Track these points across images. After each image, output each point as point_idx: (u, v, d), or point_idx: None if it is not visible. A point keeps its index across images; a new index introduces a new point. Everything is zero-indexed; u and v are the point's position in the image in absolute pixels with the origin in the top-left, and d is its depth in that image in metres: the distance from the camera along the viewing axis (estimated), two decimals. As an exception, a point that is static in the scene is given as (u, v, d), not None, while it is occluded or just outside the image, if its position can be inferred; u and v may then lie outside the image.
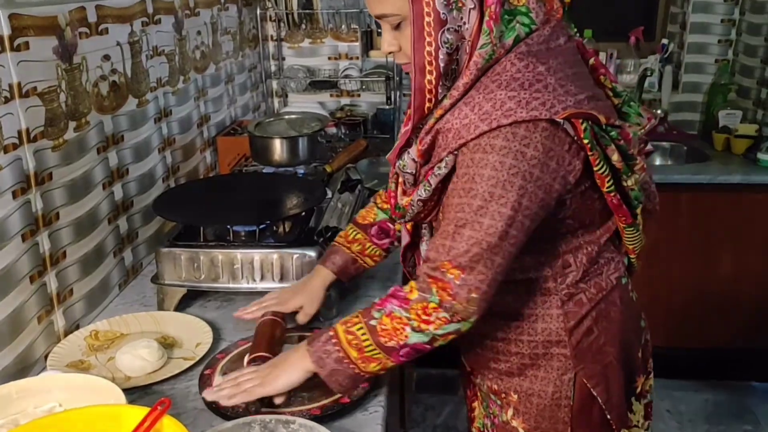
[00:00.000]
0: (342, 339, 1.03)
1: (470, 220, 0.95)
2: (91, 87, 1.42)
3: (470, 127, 0.95)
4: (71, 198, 1.35)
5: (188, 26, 1.99)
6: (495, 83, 0.96)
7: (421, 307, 0.98)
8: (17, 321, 1.19)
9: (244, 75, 2.60)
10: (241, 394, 1.07)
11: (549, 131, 0.94)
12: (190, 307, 1.46)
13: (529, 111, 0.93)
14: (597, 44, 2.94)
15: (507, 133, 0.93)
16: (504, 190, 0.93)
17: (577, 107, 0.95)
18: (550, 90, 0.95)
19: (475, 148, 0.95)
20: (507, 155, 0.93)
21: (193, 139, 2.05)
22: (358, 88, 2.95)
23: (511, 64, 0.96)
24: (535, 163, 0.94)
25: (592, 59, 1.07)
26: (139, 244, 1.67)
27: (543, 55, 0.97)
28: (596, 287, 1.11)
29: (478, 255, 0.95)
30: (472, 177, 0.95)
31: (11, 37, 1.15)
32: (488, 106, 0.95)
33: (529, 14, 0.99)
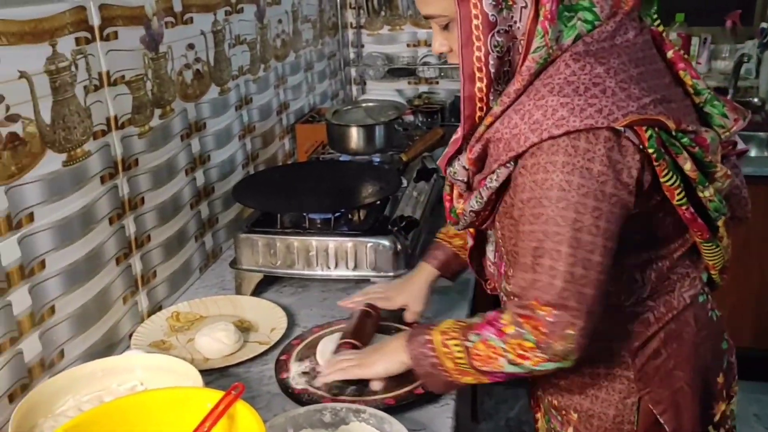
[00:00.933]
0: (438, 348, 0.99)
1: (548, 248, 0.87)
2: (176, 75, 1.46)
3: (520, 137, 0.88)
4: (156, 183, 1.40)
5: (270, 15, 2.02)
6: (546, 87, 0.88)
7: (517, 343, 0.91)
8: (104, 301, 1.24)
9: (323, 63, 2.62)
10: (337, 372, 1.09)
11: (612, 141, 0.85)
12: (266, 292, 1.49)
13: (584, 119, 0.84)
14: (690, 29, 2.79)
15: (567, 147, 0.85)
16: (577, 213, 0.86)
17: (639, 113, 0.86)
18: (609, 94, 0.86)
19: (534, 168, 0.88)
20: (572, 173, 0.85)
21: (273, 127, 2.08)
22: (437, 76, 2.92)
23: (565, 65, 0.88)
24: (605, 179, 0.85)
25: (671, 52, 0.97)
26: (220, 229, 1.71)
27: (603, 54, 0.89)
28: (666, 306, 1.01)
29: (565, 290, 0.87)
30: (539, 200, 0.87)
31: (101, 27, 1.19)
32: (538, 114, 0.87)
33: (593, 9, 0.90)
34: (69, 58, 1.11)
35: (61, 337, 1.13)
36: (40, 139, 1.06)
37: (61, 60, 1.09)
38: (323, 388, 1.11)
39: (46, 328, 1.09)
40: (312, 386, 1.12)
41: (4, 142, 0.99)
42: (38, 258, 1.07)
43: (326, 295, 1.47)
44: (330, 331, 1.29)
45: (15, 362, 1.03)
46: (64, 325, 1.14)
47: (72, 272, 1.15)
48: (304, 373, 1.17)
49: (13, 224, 1.01)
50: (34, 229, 1.06)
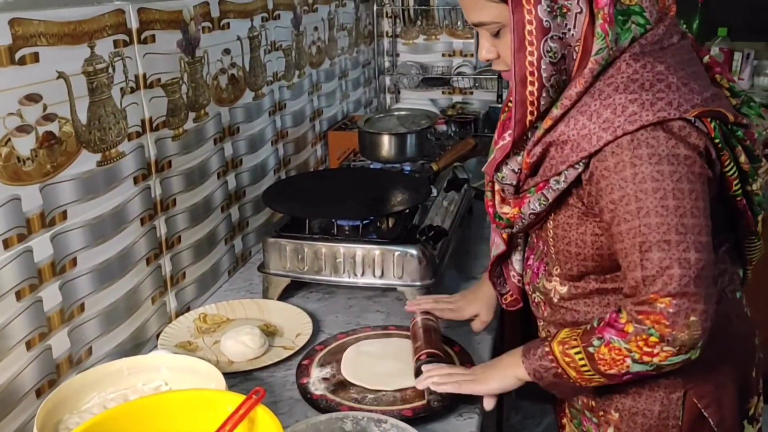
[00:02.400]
0: (559, 358, 0.98)
1: (654, 240, 0.87)
2: (211, 80, 1.48)
3: (591, 138, 0.89)
4: (188, 185, 1.41)
5: (306, 22, 2.04)
6: (611, 87, 0.90)
7: (641, 339, 0.90)
8: (133, 300, 1.25)
9: (357, 70, 2.63)
10: (451, 384, 1.08)
11: (687, 129, 0.88)
12: (293, 297, 1.49)
13: (656, 112, 0.87)
14: (732, 43, 2.74)
15: (648, 139, 0.87)
16: (676, 199, 0.86)
17: (704, 105, 0.89)
18: (674, 89, 0.88)
19: (619, 167, 0.88)
20: (661, 162, 0.86)
21: (305, 133, 2.09)
22: (471, 86, 2.91)
23: (626, 65, 0.90)
24: (691, 162, 0.87)
25: (707, 57, 1.01)
26: (249, 232, 1.72)
27: (659, 54, 0.92)
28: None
29: (683, 276, 0.86)
30: (635, 196, 0.87)
31: (139, 30, 1.21)
32: (608, 112, 0.89)
33: (644, 14, 0.93)
34: (107, 60, 1.13)
35: (89, 334, 1.15)
36: (75, 138, 1.08)
37: (99, 62, 1.11)
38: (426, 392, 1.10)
39: (75, 325, 1.11)
40: (330, 393, 1.12)
41: (40, 141, 1.00)
42: (70, 255, 1.09)
43: (352, 302, 1.47)
44: (365, 337, 1.29)
45: (43, 358, 1.05)
46: (93, 323, 1.15)
47: (102, 271, 1.16)
48: (325, 379, 1.16)
49: (47, 222, 1.03)
50: (67, 227, 1.08)
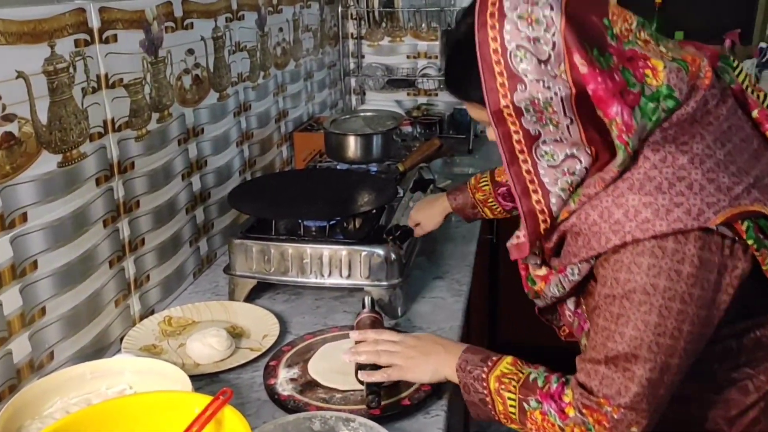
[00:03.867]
0: (492, 391, 0.96)
1: (623, 351, 0.83)
2: (175, 80, 1.47)
3: (600, 237, 0.84)
4: (152, 187, 1.40)
5: (271, 23, 2.03)
6: (626, 183, 0.83)
7: (578, 428, 0.88)
8: (96, 303, 1.23)
9: (323, 72, 2.63)
10: (379, 374, 1.05)
11: (703, 240, 0.80)
12: (260, 298, 1.49)
13: (671, 223, 0.79)
14: (688, 47, 2.81)
15: (654, 249, 0.80)
16: (661, 317, 0.81)
17: (733, 205, 0.79)
18: (696, 190, 0.79)
19: (617, 266, 0.83)
20: (659, 276, 0.80)
21: (271, 134, 2.08)
22: (436, 87, 2.93)
23: (644, 158, 0.82)
24: (693, 281, 0.80)
25: (756, 111, 0.90)
26: (215, 234, 1.71)
27: (684, 140, 0.82)
28: (766, 374, 0.94)
29: (638, 394, 0.83)
30: (620, 301, 0.83)
31: (100, 29, 1.19)
32: (619, 213, 0.82)
33: (673, 94, 0.82)
34: (67, 59, 1.11)
35: (51, 338, 1.12)
36: (35, 139, 1.06)
37: (60, 61, 1.10)
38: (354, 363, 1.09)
39: (36, 329, 1.09)
40: (298, 394, 1.12)
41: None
42: (30, 258, 1.06)
43: (319, 303, 1.47)
44: (332, 338, 1.29)
45: (4, 363, 1.03)
46: (55, 327, 1.13)
47: (64, 274, 1.14)
48: (292, 379, 1.16)
49: (6, 224, 1.01)
50: (27, 230, 1.05)
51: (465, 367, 1.01)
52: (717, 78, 0.88)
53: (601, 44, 0.81)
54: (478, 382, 0.98)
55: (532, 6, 0.82)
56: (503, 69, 0.83)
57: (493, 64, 0.84)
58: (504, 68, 0.83)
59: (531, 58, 0.82)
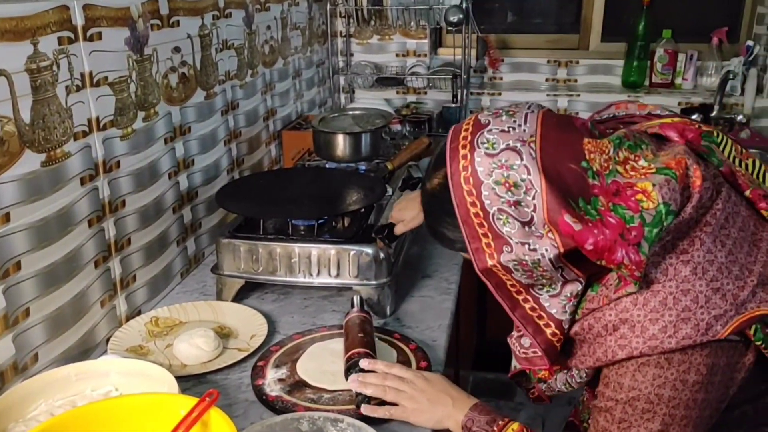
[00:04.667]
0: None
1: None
2: (161, 78, 1.45)
3: (606, 350, 0.83)
4: (138, 186, 1.38)
5: (258, 21, 2.01)
6: (629, 298, 0.81)
7: None
8: (81, 304, 1.22)
9: (311, 70, 2.62)
10: (382, 410, 1.03)
11: (710, 348, 0.79)
12: (248, 298, 1.48)
13: (680, 340, 0.78)
14: (677, 45, 2.82)
15: (659, 360, 0.80)
16: (664, 424, 0.80)
17: (740, 313, 0.78)
18: (702, 302, 0.78)
19: (621, 371, 0.83)
20: (663, 386, 0.80)
21: (259, 133, 2.07)
22: (425, 86, 2.92)
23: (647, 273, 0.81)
24: (698, 388, 0.80)
25: (748, 191, 0.87)
26: (202, 234, 1.69)
27: (684, 246, 0.81)
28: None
29: None
30: (623, 407, 0.83)
31: (84, 27, 1.18)
32: (625, 328, 0.81)
33: (671, 208, 0.77)
34: (51, 57, 1.10)
35: (35, 340, 1.11)
36: (18, 138, 1.04)
37: (43, 59, 1.08)
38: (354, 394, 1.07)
39: (20, 331, 1.07)
40: (286, 394, 1.11)
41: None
42: (13, 259, 1.05)
43: (308, 302, 1.46)
44: (320, 337, 1.28)
45: (-14, 365, 1.02)
46: (39, 328, 1.12)
47: (48, 274, 1.13)
48: (280, 380, 1.15)
49: (-11, 224, 1.00)
50: (10, 230, 1.04)
51: (471, 427, 1.00)
52: (705, 165, 0.85)
53: (585, 191, 0.79)
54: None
55: (508, 171, 0.80)
56: (487, 231, 0.83)
57: (476, 227, 0.83)
58: (488, 230, 0.83)
59: (514, 222, 0.81)
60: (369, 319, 1.24)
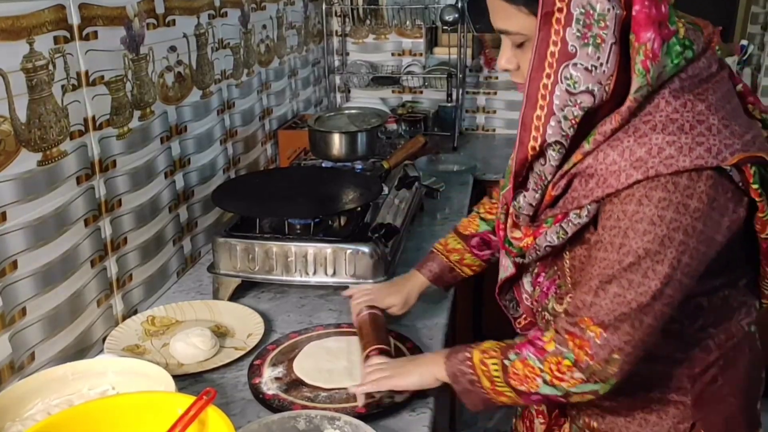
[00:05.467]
0: (476, 365, 0.99)
1: (618, 277, 0.86)
2: (157, 77, 1.45)
3: (620, 174, 0.85)
4: (134, 185, 1.38)
5: (254, 20, 2.02)
6: (648, 125, 0.85)
7: (555, 362, 0.92)
8: (77, 303, 1.22)
9: (307, 69, 2.62)
10: (370, 384, 1.07)
11: (714, 179, 0.84)
12: (244, 297, 1.48)
13: (694, 159, 0.82)
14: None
15: (667, 183, 0.83)
16: (662, 246, 0.84)
17: (745, 150, 0.84)
18: (715, 132, 0.84)
19: (627, 199, 0.86)
20: (667, 208, 0.83)
21: (255, 132, 2.07)
22: (421, 85, 2.92)
23: (666, 102, 0.85)
24: (698, 215, 0.84)
25: (740, 85, 0.95)
26: (199, 233, 1.69)
27: (700, 91, 0.87)
28: (726, 333, 1.00)
29: (624, 315, 0.87)
30: (624, 231, 0.86)
31: (80, 26, 1.18)
32: (642, 151, 0.84)
33: (693, 47, 0.87)
34: (47, 56, 1.10)
35: (32, 339, 1.11)
36: (14, 137, 1.04)
37: (39, 58, 1.08)
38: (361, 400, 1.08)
39: (16, 330, 1.07)
40: (283, 393, 1.12)
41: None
42: (10, 258, 1.05)
43: (304, 301, 1.46)
44: (317, 336, 1.29)
45: (-17, 364, 1.02)
46: (36, 327, 1.12)
47: (45, 274, 1.13)
48: (277, 378, 1.16)
49: (-15, 223, 1.00)
50: (7, 229, 1.04)
51: (451, 357, 1.04)
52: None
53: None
54: (464, 364, 1.01)
55: None
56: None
57: None
58: None
59: None
60: (380, 315, 1.25)
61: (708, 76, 0.88)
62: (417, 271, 1.33)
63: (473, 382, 1.00)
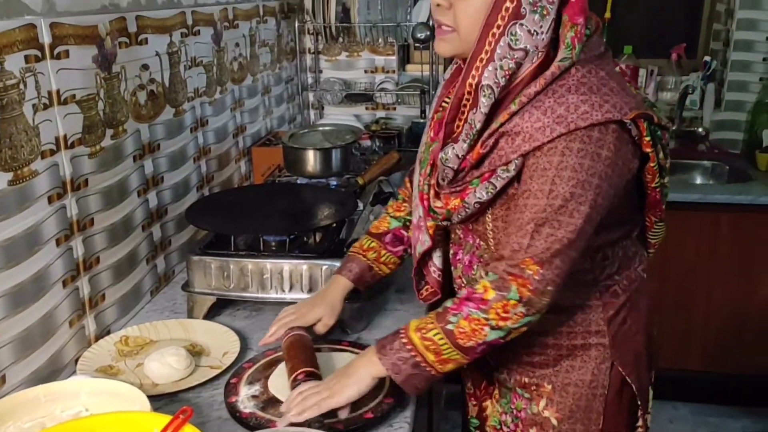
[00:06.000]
0: (418, 344, 1.04)
1: (550, 218, 0.99)
2: (129, 96, 1.45)
3: (545, 129, 0.99)
4: (106, 204, 1.37)
5: (227, 38, 2.02)
6: (563, 88, 1.00)
7: (501, 306, 1.01)
8: (49, 324, 1.20)
9: (280, 87, 2.62)
10: (311, 409, 1.05)
11: (618, 132, 0.99)
12: (219, 315, 1.47)
13: (604, 114, 0.98)
14: (638, 60, 2.89)
15: (583, 136, 0.98)
16: (583, 189, 0.98)
17: (638, 108, 1.00)
18: (616, 92, 1.00)
19: (551, 152, 0.99)
20: (585, 157, 0.98)
21: (229, 149, 2.07)
22: (394, 102, 2.95)
23: (575, 70, 1.01)
24: (609, 162, 0.99)
25: (618, 67, 1.11)
26: (172, 251, 1.68)
27: (598, 62, 1.03)
28: (628, 279, 1.16)
29: (557, 251, 0.99)
30: (552, 179, 0.99)
31: (52, 45, 1.17)
32: (561, 109, 0.98)
33: (589, 26, 1.04)
34: (17, 75, 1.09)
35: (3, 361, 1.09)
36: (-16, 157, 1.03)
37: (9, 77, 1.07)
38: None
39: (-14, 353, 1.06)
40: (260, 411, 1.11)
41: (-54, 160, 0.96)
42: (-20, 280, 1.04)
43: (280, 318, 1.46)
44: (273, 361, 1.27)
45: (-48, 388, 0.99)
46: (7, 349, 1.10)
47: (16, 294, 1.11)
48: (254, 396, 1.15)
49: (-46, 244, 0.98)
50: (-24, 250, 1.03)
51: (385, 350, 1.06)
52: None
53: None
54: (404, 349, 1.04)
55: None
56: None
57: None
58: None
59: None
60: (306, 336, 1.24)
61: (600, 53, 1.05)
62: (337, 275, 1.33)
63: (417, 364, 1.03)
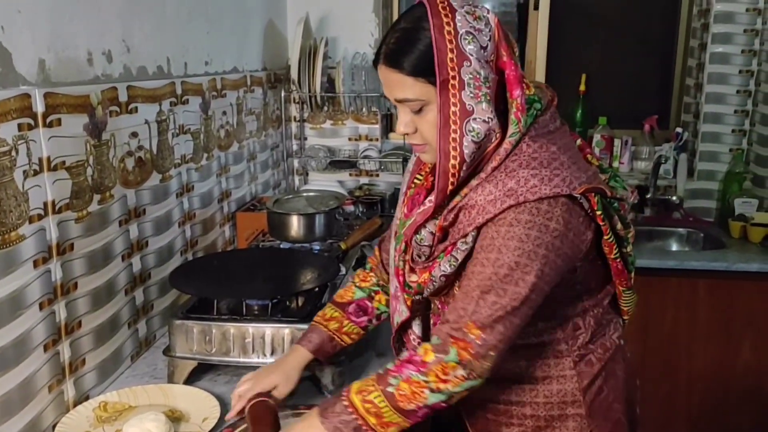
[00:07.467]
0: (359, 407, 1.04)
1: (495, 287, 1.02)
2: (118, 162, 1.48)
3: (496, 202, 1.04)
4: (91, 268, 1.38)
5: (215, 106, 2.08)
6: (515, 163, 1.05)
7: (440, 368, 1.02)
8: (28, 389, 1.20)
9: (266, 153, 2.68)
10: None
11: (567, 206, 1.03)
12: (200, 380, 1.46)
13: (552, 188, 1.02)
14: (612, 131, 2.99)
15: (532, 209, 1.02)
16: (529, 259, 1.01)
17: (589, 182, 1.05)
18: (566, 167, 1.04)
19: (500, 222, 1.03)
20: (532, 228, 1.01)
21: (213, 214, 2.10)
22: (377, 168, 3.01)
23: (527, 145, 1.06)
24: (557, 234, 1.02)
25: (578, 140, 1.17)
26: (154, 315, 1.68)
27: (551, 137, 1.08)
28: (602, 347, 1.19)
29: (500, 317, 1.01)
30: (499, 248, 1.02)
31: (45, 114, 1.21)
32: (512, 183, 1.03)
33: (540, 101, 1.10)
34: (10, 143, 1.12)
35: (-22, 427, 1.08)
36: (-27, 221, 1.05)
37: (2, 144, 1.10)
38: None
39: (-37, 418, 1.05)
40: None
41: (-64, 224, 0.97)
42: (-39, 343, 1.04)
43: (261, 383, 1.45)
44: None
45: (-74, 454, 0.98)
46: (-17, 415, 1.09)
47: (-4, 359, 1.11)
48: (234, 460, 1.14)
49: (-62, 308, 0.99)
50: (-40, 313, 1.03)
51: (326, 413, 1.05)
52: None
53: (514, 49, 1.09)
54: (345, 412, 1.04)
55: (474, 7, 1.07)
56: (455, 48, 1.03)
57: (446, 43, 1.03)
58: (455, 47, 1.03)
59: (476, 43, 1.04)
60: (270, 403, 1.23)
61: (554, 128, 1.10)
62: (297, 344, 1.33)
63: (359, 427, 1.03)
